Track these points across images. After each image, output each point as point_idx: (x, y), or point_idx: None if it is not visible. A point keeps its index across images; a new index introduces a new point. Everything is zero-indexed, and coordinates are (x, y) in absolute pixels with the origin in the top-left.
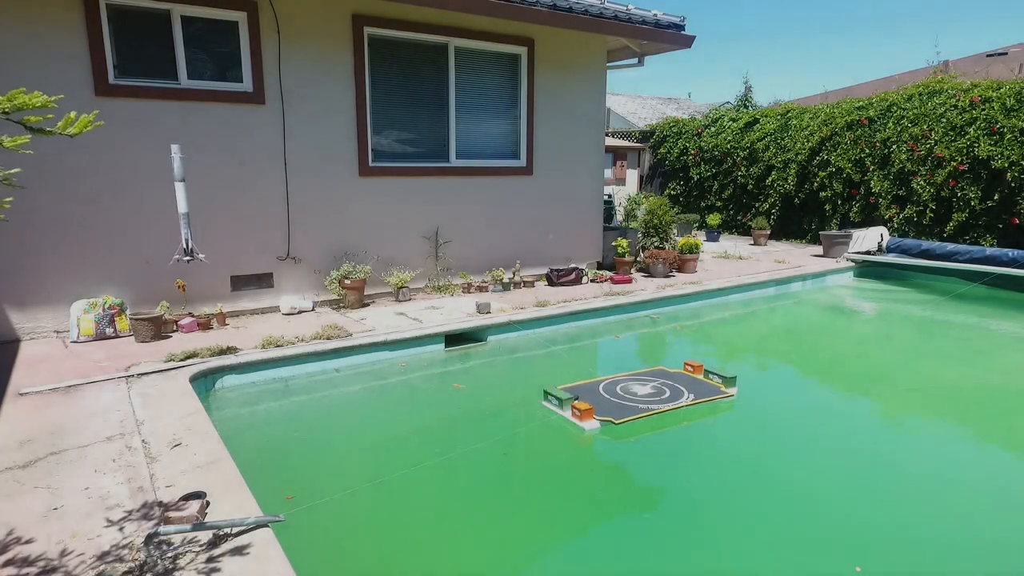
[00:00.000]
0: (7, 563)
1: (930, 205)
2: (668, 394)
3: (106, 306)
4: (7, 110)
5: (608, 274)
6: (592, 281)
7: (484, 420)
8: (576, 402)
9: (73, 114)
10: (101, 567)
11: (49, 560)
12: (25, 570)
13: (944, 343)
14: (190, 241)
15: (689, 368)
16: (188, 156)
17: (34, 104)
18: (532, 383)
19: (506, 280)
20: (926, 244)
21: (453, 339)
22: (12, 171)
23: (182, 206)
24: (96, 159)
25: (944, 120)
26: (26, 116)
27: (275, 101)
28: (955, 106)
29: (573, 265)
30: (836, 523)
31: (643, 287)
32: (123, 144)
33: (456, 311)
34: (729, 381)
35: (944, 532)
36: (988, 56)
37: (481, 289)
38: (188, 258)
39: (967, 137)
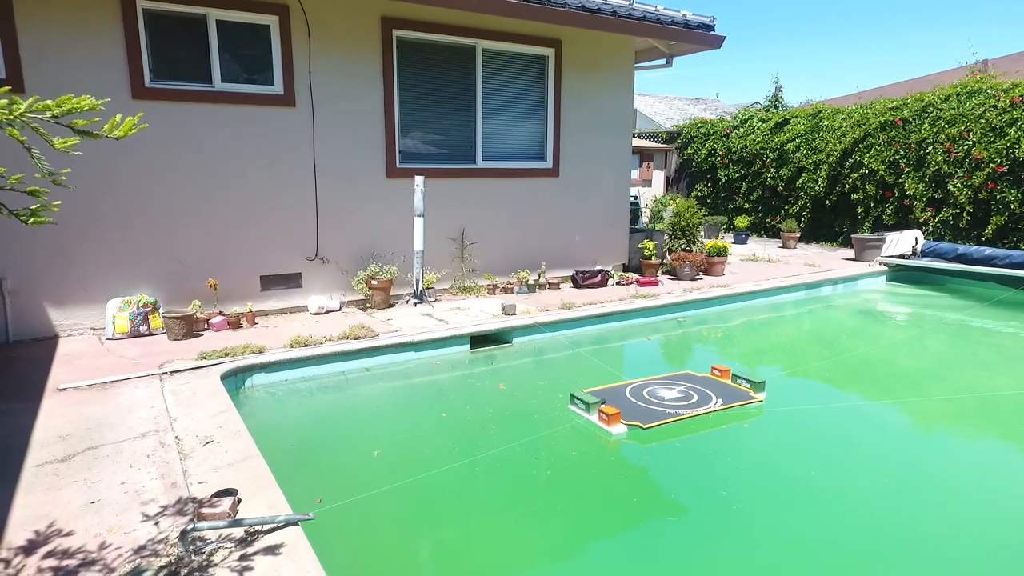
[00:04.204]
0: (48, 555)
1: (967, 208)
2: (696, 399)
3: (140, 304)
4: (57, 115)
5: (634, 276)
6: (618, 283)
7: (511, 423)
8: (603, 406)
9: (119, 117)
10: (137, 561)
11: (88, 553)
12: (65, 562)
13: (980, 350)
14: (421, 282)
15: (716, 372)
16: (219, 157)
17: (82, 107)
18: (558, 386)
19: (531, 282)
20: (963, 248)
21: (479, 340)
22: (62, 171)
23: (418, 243)
24: (131, 161)
25: (983, 121)
26: (74, 120)
27: (305, 103)
28: (995, 106)
29: (599, 267)
30: (869, 532)
31: (669, 290)
32: (157, 146)
33: (481, 312)
34: (758, 386)
35: (980, 544)
36: None
37: (506, 290)
38: (416, 301)
39: (1007, 138)
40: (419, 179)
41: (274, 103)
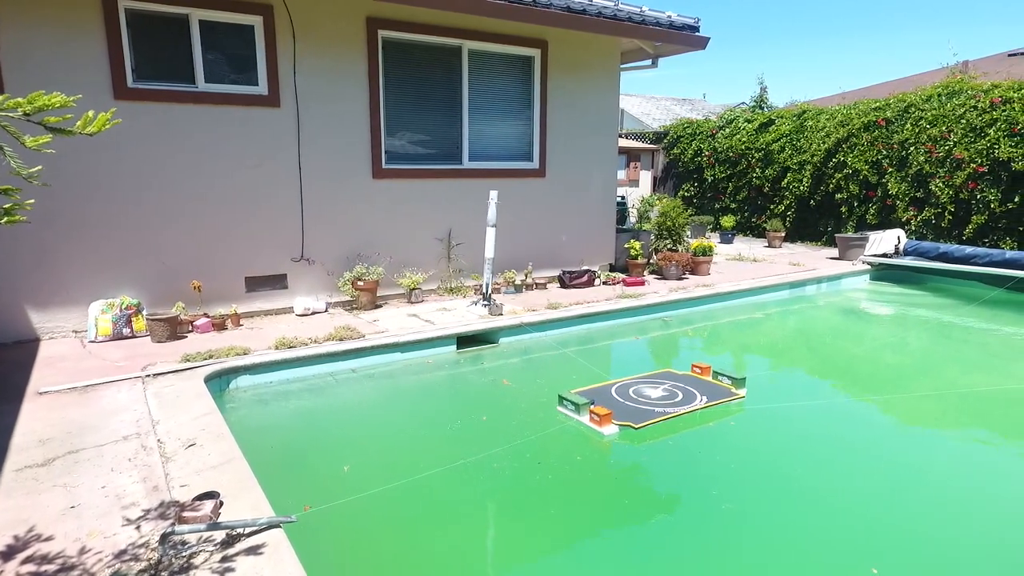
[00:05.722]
0: (27, 560)
1: (949, 207)
2: (681, 397)
3: (123, 306)
4: (28, 112)
5: (621, 276)
6: (604, 283)
7: (500, 424)
8: (594, 407)
9: (91, 113)
10: (117, 565)
11: (67, 558)
12: (44, 567)
13: (961, 348)
14: (490, 286)
15: (697, 370)
16: (203, 158)
17: (54, 104)
18: (546, 386)
19: (518, 282)
20: (944, 247)
21: (465, 341)
22: (34, 168)
23: (489, 251)
24: (114, 161)
25: (963, 121)
26: (46, 117)
27: (290, 103)
28: (975, 107)
29: (585, 267)
30: (852, 526)
31: (655, 289)
32: (141, 147)
33: (468, 313)
34: (739, 382)
35: (960, 538)
36: (1010, 56)
37: (493, 291)
38: (486, 303)
39: (987, 138)
40: (493, 194)
41: (258, 103)
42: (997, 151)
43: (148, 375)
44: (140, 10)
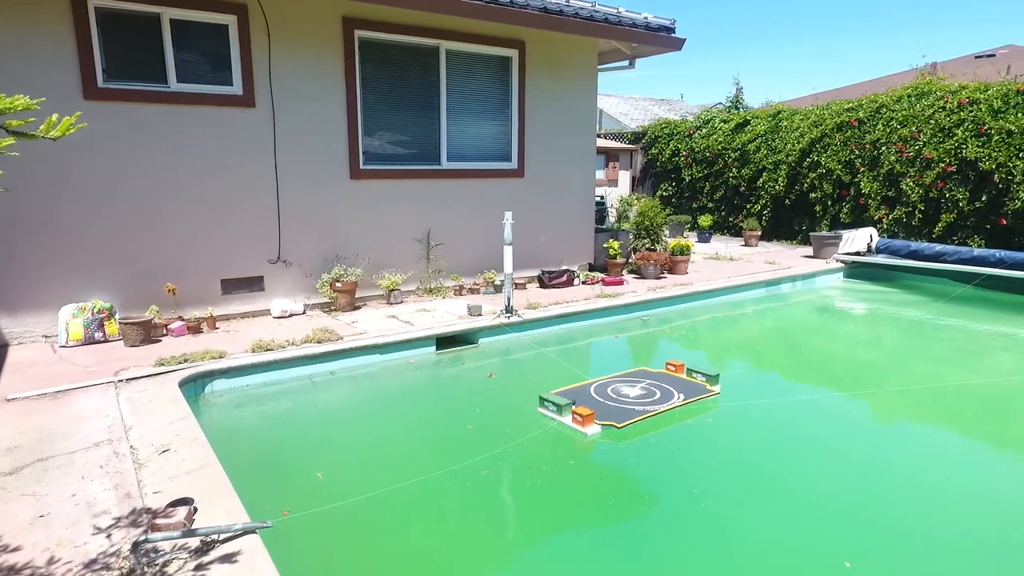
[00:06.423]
0: None
1: (919, 206)
2: (659, 395)
3: (95, 310)
4: None
5: (600, 276)
6: (584, 283)
7: (481, 426)
8: (576, 407)
9: (55, 117)
10: None
11: (36, 568)
12: None
13: (932, 344)
14: (512, 298)
15: (671, 367)
16: (176, 159)
17: (16, 108)
18: (526, 386)
19: (498, 282)
20: (915, 245)
21: (444, 342)
22: None
23: (507, 267)
24: (85, 162)
25: (932, 122)
26: (8, 120)
27: (265, 104)
28: (943, 108)
29: (565, 267)
30: (826, 520)
31: (634, 289)
32: (112, 148)
33: (447, 313)
34: (713, 379)
35: (930, 530)
36: (976, 57)
37: (473, 291)
38: (509, 315)
39: (955, 139)
40: (508, 214)
41: (233, 104)
42: (965, 151)
43: (121, 380)
44: (110, 8)
